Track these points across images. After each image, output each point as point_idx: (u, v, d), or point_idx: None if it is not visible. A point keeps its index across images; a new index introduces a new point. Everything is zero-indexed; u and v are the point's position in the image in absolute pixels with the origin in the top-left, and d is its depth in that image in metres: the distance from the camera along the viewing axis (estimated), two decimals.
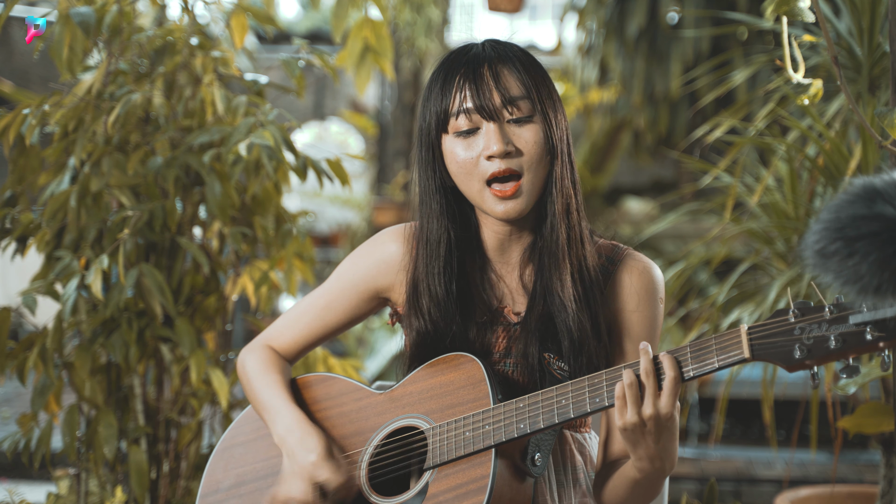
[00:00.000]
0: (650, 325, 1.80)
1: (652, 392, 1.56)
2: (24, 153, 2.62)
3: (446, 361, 1.80)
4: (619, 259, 1.82)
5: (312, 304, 1.97)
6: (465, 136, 1.74)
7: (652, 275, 1.81)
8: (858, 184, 1.31)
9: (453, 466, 1.71)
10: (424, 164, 1.80)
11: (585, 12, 7.15)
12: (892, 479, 2.86)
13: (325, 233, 8.42)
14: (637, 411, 1.57)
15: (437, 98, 1.75)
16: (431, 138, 1.77)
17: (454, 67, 1.75)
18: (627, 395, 1.57)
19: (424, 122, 1.78)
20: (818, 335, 1.43)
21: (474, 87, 1.71)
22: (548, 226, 1.77)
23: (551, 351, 1.76)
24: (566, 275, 1.76)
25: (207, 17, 3.02)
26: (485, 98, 1.71)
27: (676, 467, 1.82)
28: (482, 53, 1.75)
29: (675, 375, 1.56)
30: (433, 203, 1.80)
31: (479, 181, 1.73)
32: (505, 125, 1.73)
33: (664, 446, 1.61)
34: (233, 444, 1.99)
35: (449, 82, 1.74)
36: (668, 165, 8.06)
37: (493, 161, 1.71)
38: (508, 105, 1.72)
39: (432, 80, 1.78)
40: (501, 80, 1.72)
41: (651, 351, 1.58)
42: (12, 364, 2.56)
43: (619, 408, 1.58)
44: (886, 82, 2.82)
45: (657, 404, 1.56)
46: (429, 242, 1.81)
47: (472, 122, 1.73)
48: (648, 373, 1.57)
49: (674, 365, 1.56)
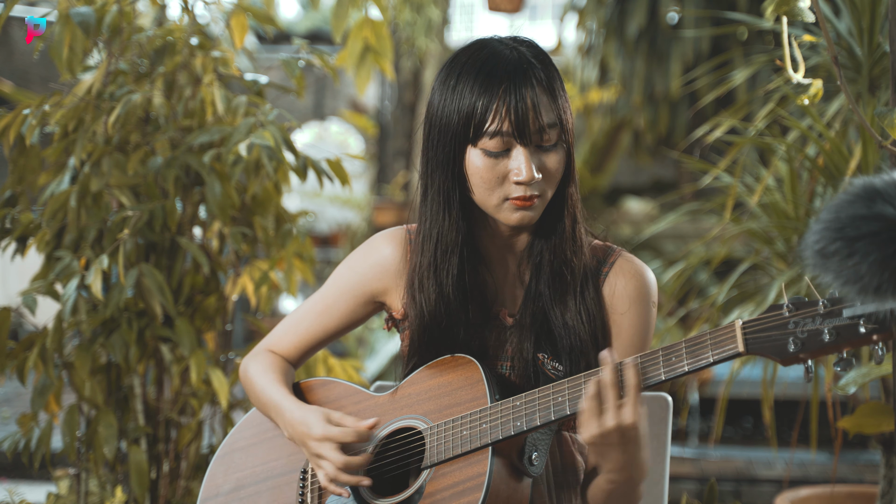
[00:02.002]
0: (641, 328, 1.80)
1: (613, 403, 1.57)
2: (24, 153, 2.62)
3: (444, 363, 1.80)
4: (612, 261, 1.82)
5: (310, 309, 1.97)
6: (494, 157, 1.70)
7: (644, 278, 1.81)
8: (858, 184, 1.31)
9: (450, 465, 1.71)
10: (441, 165, 1.75)
11: (585, 12, 7.16)
12: (892, 479, 2.86)
13: (325, 233, 8.42)
14: (598, 423, 1.57)
15: (467, 104, 1.69)
16: (455, 142, 1.72)
17: (493, 78, 1.68)
18: (590, 407, 1.57)
19: (445, 119, 1.72)
20: (812, 328, 1.44)
21: (515, 112, 1.66)
22: (556, 237, 1.77)
23: (546, 351, 1.76)
24: (563, 280, 1.77)
25: (207, 17, 3.02)
26: (523, 125, 1.67)
27: (676, 467, 1.82)
28: (520, 66, 1.68)
29: (636, 383, 1.56)
30: (449, 208, 1.77)
31: (499, 198, 1.72)
32: (534, 149, 1.70)
33: (632, 456, 1.61)
34: (233, 449, 1.99)
35: (486, 94, 1.67)
36: (668, 165, 8.06)
37: (521, 187, 1.69)
38: (542, 133, 1.69)
39: (458, 77, 1.71)
40: (539, 105, 1.68)
41: (613, 360, 1.58)
42: (12, 364, 2.57)
43: (585, 420, 1.58)
44: (886, 82, 2.82)
45: (619, 415, 1.56)
46: (439, 245, 1.78)
47: (503, 143, 1.69)
48: (608, 384, 1.57)
49: (636, 373, 1.56)
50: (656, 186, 8.15)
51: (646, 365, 1.58)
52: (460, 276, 1.78)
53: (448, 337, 1.81)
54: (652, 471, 2.10)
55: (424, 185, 1.79)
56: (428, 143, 1.77)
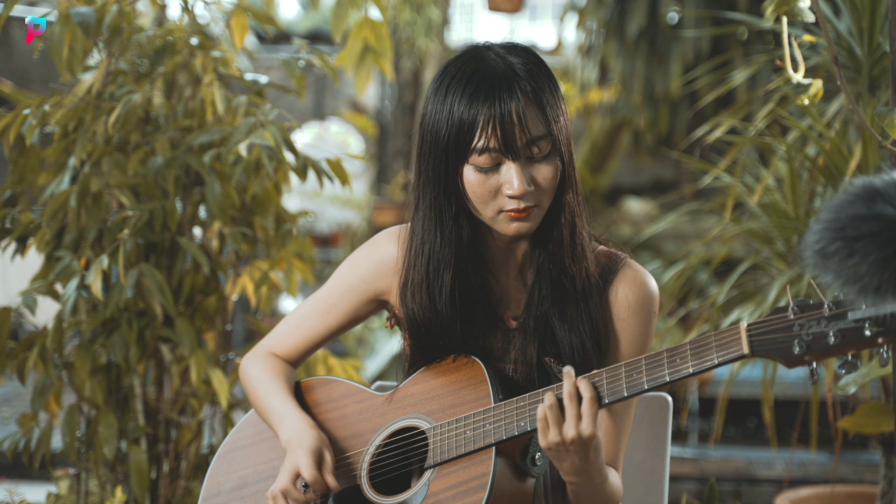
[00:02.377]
0: (640, 337, 1.81)
1: (574, 415, 1.60)
2: (24, 153, 2.62)
3: (447, 363, 1.80)
4: (617, 269, 1.82)
5: (312, 309, 1.96)
6: (486, 173, 1.70)
7: (648, 288, 1.81)
8: (858, 184, 1.31)
9: (454, 465, 1.72)
10: (433, 181, 1.74)
11: (585, 12, 7.15)
12: (892, 479, 2.86)
13: (325, 233, 8.42)
14: (559, 432, 1.61)
15: (455, 120, 1.68)
16: (447, 159, 1.71)
17: (478, 94, 1.67)
18: (549, 416, 1.61)
19: (437, 135, 1.71)
20: (817, 331, 1.44)
21: (501, 130, 1.66)
22: (554, 244, 1.77)
23: (551, 355, 1.77)
24: (563, 288, 1.77)
25: (207, 17, 3.02)
26: (510, 140, 1.66)
27: (676, 467, 1.83)
28: (507, 79, 1.67)
29: (590, 396, 1.60)
30: (441, 225, 1.76)
31: (494, 210, 1.72)
32: (525, 162, 1.70)
33: (592, 462, 1.65)
34: (235, 448, 1.99)
35: (472, 110, 1.67)
36: (668, 165, 8.06)
37: (514, 200, 1.69)
38: (531, 146, 1.68)
39: (447, 92, 1.70)
40: (527, 118, 1.67)
41: (573, 374, 1.62)
42: (12, 364, 2.57)
43: (542, 429, 1.62)
44: (886, 82, 2.82)
45: (578, 427, 1.60)
46: (430, 261, 1.78)
47: (493, 159, 1.69)
48: (570, 396, 1.61)
49: (589, 388, 1.61)
50: (656, 186, 8.15)
51: (650, 366, 1.59)
52: (452, 292, 1.78)
53: (447, 339, 1.81)
54: (652, 471, 2.10)
55: (416, 197, 1.79)
56: (420, 156, 1.76)
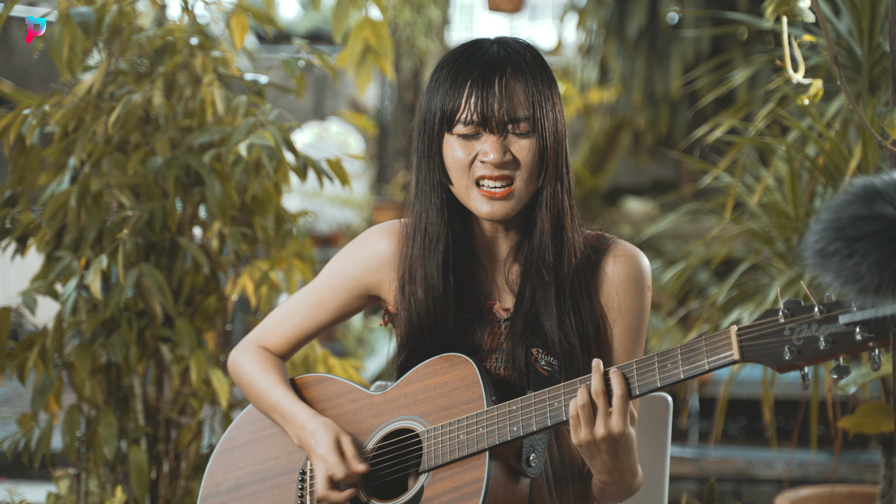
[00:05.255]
0: (637, 312, 1.81)
1: (603, 412, 1.60)
2: (24, 153, 2.62)
3: (440, 362, 1.80)
4: (605, 248, 1.83)
5: (302, 303, 1.96)
6: (466, 139, 1.75)
7: (638, 262, 1.82)
8: (858, 184, 1.31)
9: (448, 470, 1.72)
10: (426, 156, 1.80)
11: (585, 12, 7.15)
12: (892, 479, 2.86)
13: (325, 233, 8.41)
14: (590, 430, 1.61)
15: (444, 97, 1.75)
16: (434, 132, 1.78)
17: (466, 69, 1.75)
18: (581, 415, 1.61)
19: (429, 113, 1.78)
20: (808, 336, 1.43)
21: (482, 101, 1.72)
22: (536, 236, 1.79)
23: (538, 346, 1.77)
24: (552, 280, 1.78)
25: (207, 17, 3.02)
26: (490, 113, 1.72)
27: (676, 467, 1.83)
28: (495, 60, 1.74)
29: (622, 393, 1.59)
30: (433, 196, 1.80)
31: (470, 180, 1.75)
32: (503, 137, 1.74)
33: (622, 461, 1.65)
34: (231, 447, 1.99)
35: (459, 85, 1.74)
36: (668, 165, 8.06)
37: (488, 166, 1.73)
38: (511, 124, 1.74)
39: (441, 72, 1.78)
40: (509, 97, 1.72)
41: (602, 367, 1.62)
42: (12, 364, 2.57)
43: (574, 426, 1.62)
44: (886, 82, 2.82)
45: (608, 424, 1.60)
46: (427, 235, 1.81)
47: (474, 128, 1.74)
48: (598, 393, 1.61)
49: (621, 383, 1.59)
50: (656, 186, 8.15)
51: (641, 371, 1.59)
52: (445, 264, 1.80)
53: (438, 330, 1.81)
54: (652, 471, 2.10)
55: (415, 178, 1.84)
56: (416, 135, 1.83)
